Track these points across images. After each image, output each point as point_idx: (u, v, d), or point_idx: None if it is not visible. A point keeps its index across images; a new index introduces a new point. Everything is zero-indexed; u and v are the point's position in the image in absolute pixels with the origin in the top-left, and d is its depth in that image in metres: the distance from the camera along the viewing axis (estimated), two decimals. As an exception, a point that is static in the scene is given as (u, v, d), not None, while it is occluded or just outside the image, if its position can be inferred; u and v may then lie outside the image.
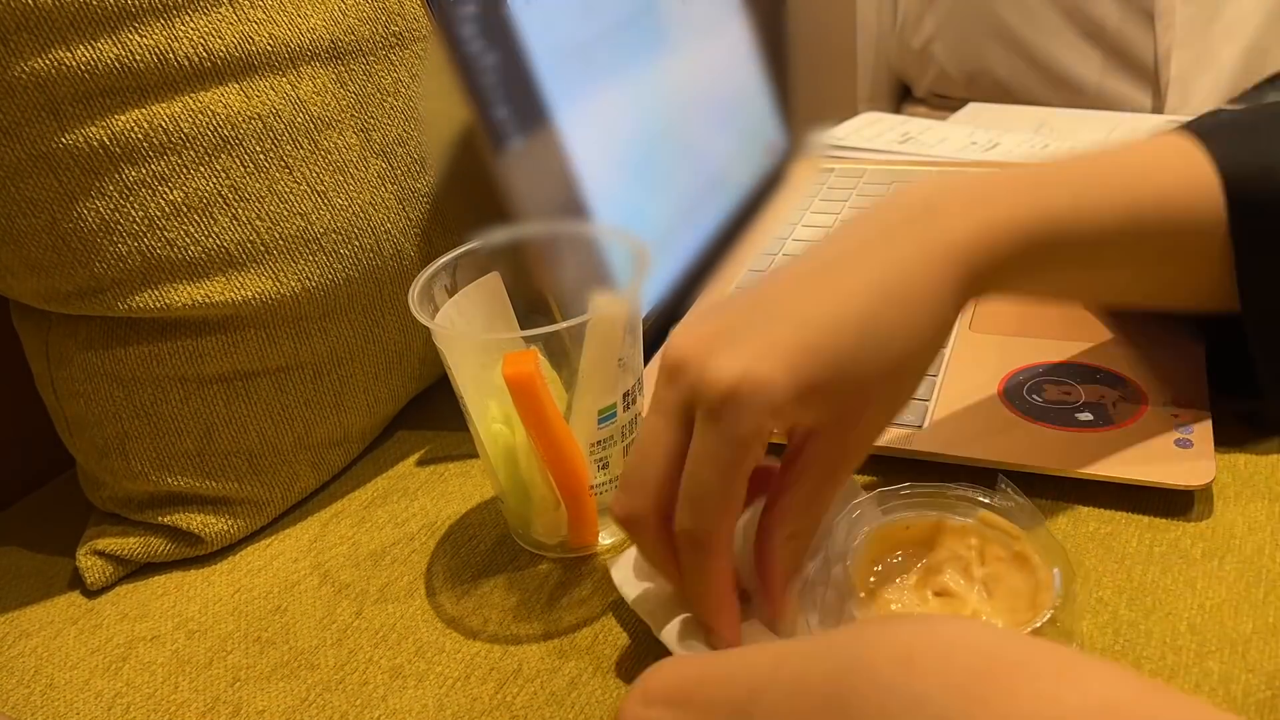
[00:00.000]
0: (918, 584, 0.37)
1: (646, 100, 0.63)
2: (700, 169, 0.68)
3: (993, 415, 0.48)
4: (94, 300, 0.45)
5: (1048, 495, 0.45)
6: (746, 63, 0.80)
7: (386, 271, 0.51)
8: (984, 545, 0.38)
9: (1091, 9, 1.19)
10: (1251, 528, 0.42)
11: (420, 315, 0.39)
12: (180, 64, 0.44)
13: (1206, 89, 1.14)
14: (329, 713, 0.39)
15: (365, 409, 0.53)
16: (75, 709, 0.41)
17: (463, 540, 0.47)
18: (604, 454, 0.43)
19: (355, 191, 0.49)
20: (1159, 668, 0.36)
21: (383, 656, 0.41)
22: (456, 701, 0.39)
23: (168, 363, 0.46)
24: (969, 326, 0.56)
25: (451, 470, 0.53)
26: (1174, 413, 0.46)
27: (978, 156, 0.87)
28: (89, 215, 0.43)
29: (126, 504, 0.49)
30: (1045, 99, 1.25)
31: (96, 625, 0.45)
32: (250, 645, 0.43)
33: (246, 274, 0.46)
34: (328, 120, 0.48)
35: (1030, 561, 0.37)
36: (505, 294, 0.45)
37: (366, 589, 0.45)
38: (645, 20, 0.65)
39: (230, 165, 0.45)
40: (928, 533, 0.39)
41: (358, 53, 0.50)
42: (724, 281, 0.65)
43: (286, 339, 0.48)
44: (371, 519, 0.50)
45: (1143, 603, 0.39)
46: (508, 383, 0.37)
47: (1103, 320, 0.54)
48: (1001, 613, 0.36)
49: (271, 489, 0.50)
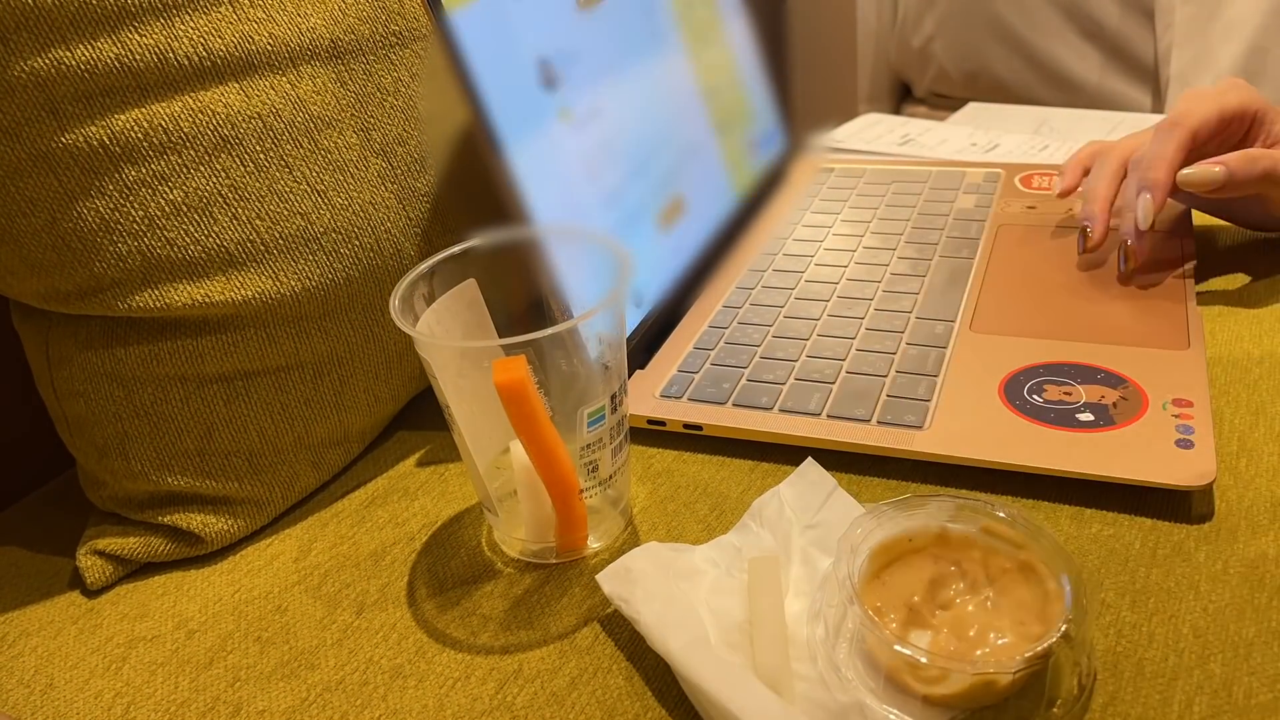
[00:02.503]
0: (923, 599, 0.37)
1: (646, 100, 0.63)
2: (700, 169, 0.68)
3: (993, 415, 0.48)
4: (94, 300, 0.45)
5: (1048, 496, 0.45)
6: (746, 63, 0.80)
7: (386, 271, 0.50)
8: (988, 557, 0.38)
9: (1091, 8, 1.19)
10: (1255, 531, 0.42)
11: (402, 324, 0.39)
12: (180, 63, 0.43)
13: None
14: (329, 712, 0.39)
15: (365, 409, 0.53)
16: (75, 708, 0.41)
17: (463, 540, 0.47)
18: (593, 457, 0.43)
19: (355, 191, 0.49)
20: (1161, 670, 0.36)
21: (383, 656, 0.41)
22: (457, 701, 0.39)
23: (168, 362, 0.46)
24: (969, 327, 0.56)
25: (451, 470, 0.53)
26: (1174, 413, 0.46)
27: (978, 157, 0.87)
28: (89, 215, 0.43)
29: (126, 504, 0.48)
30: (1045, 98, 1.25)
31: (96, 625, 0.45)
32: (250, 645, 0.43)
33: (246, 273, 0.46)
34: (328, 119, 0.48)
35: (1037, 571, 0.36)
36: (482, 301, 0.45)
37: (367, 589, 0.45)
38: (646, 20, 0.65)
39: (230, 165, 0.45)
40: (931, 545, 0.39)
41: (358, 52, 0.50)
42: (724, 282, 0.65)
43: (286, 339, 0.48)
44: (371, 519, 0.50)
45: (1145, 605, 0.39)
46: (499, 389, 0.37)
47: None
48: (1009, 627, 0.35)
49: (271, 489, 0.50)
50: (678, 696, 0.37)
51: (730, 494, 0.48)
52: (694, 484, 0.49)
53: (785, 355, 0.56)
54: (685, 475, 0.50)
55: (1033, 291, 0.59)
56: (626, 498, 0.47)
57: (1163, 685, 0.36)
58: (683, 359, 0.57)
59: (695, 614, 0.38)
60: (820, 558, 0.41)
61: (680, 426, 0.52)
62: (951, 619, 0.36)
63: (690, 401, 0.53)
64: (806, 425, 0.49)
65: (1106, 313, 0.55)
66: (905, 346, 0.55)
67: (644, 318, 0.59)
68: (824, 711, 0.35)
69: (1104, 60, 1.20)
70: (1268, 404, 0.49)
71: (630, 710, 0.37)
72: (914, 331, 0.56)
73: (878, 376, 0.52)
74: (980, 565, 0.38)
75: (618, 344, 0.42)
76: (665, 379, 0.55)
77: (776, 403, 0.51)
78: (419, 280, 0.43)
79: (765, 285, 0.64)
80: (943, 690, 0.34)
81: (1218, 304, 0.58)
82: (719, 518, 0.47)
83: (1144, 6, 1.15)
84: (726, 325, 0.60)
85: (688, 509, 0.47)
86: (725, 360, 0.56)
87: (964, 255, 0.64)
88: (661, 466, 0.50)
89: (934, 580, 0.37)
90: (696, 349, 0.57)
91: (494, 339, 0.44)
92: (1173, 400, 0.47)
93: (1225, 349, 0.53)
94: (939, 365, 0.53)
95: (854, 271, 0.64)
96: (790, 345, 0.56)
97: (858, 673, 0.36)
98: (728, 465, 0.50)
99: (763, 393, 0.52)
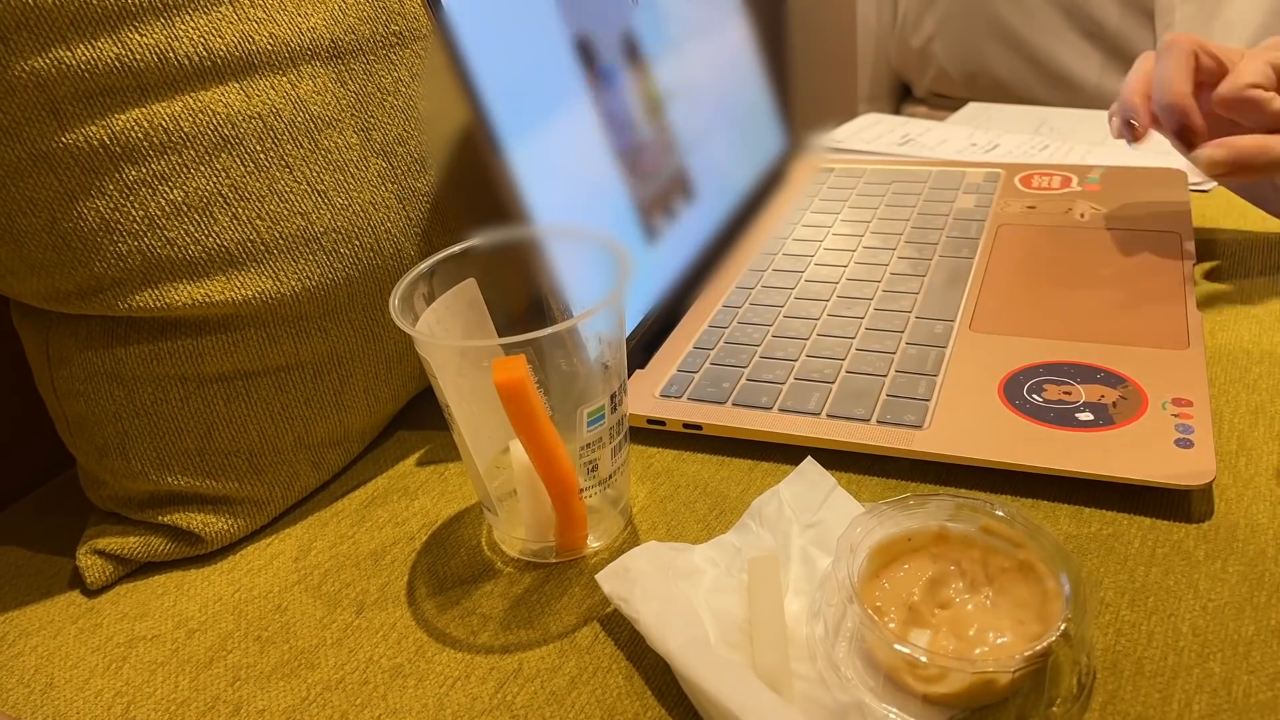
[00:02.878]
0: (923, 598, 0.37)
1: (646, 99, 0.63)
2: (700, 169, 0.68)
3: (993, 415, 0.48)
4: (94, 300, 0.45)
5: (1048, 495, 0.45)
6: (746, 63, 0.80)
7: (387, 271, 0.51)
8: (987, 556, 0.38)
9: (1091, 8, 1.19)
10: (1254, 530, 0.42)
11: (402, 324, 0.39)
12: (180, 63, 0.44)
13: (1206, 89, 1.14)
14: (329, 712, 0.39)
15: (365, 409, 0.53)
16: (75, 708, 0.41)
17: (463, 540, 0.47)
18: (593, 456, 0.43)
19: (355, 191, 0.49)
20: (1160, 669, 0.36)
21: (383, 656, 0.41)
22: (457, 701, 0.39)
23: (168, 362, 0.46)
24: (969, 326, 0.56)
25: (451, 470, 0.53)
26: (1174, 412, 0.46)
27: (978, 157, 0.87)
28: (89, 215, 0.43)
29: (126, 503, 0.48)
30: (1045, 98, 1.25)
31: (96, 624, 0.45)
32: (250, 644, 0.43)
33: (246, 273, 0.46)
34: (328, 119, 0.48)
35: (1036, 570, 0.36)
36: (482, 300, 0.45)
37: (367, 588, 0.45)
38: (645, 20, 0.65)
39: (230, 164, 0.45)
40: (930, 544, 0.39)
41: (358, 52, 0.50)
42: (723, 281, 0.65)
43: (286, 338, 0.48)
44: (371, 518, 0.50)
45: (1145, 604, 0.39)
46: (498, 388, 0.37)
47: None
48: (1008, 626, 0.35)
49: (271, 488, 0.50)
50: (677, 696, 0.37)
51: (730, 493, 0.48)
52: (693, 483, 0.49)
53: (785, 355, 0.56)
54: (685, 475, 0.50)
55: (1032, 291, 0.59)
56: (626, 497, 0.47)
57: (1162, 684, 0.36)
58: (682, 359, 0.57)
59: (695, 613, 0.38)
60: (820, 557, 0.41)
61: (680, 426, 0.52)
62: (951, 618, 0.36)
63: (690, 401, 0.53)
64: (806, 425, 0.50)
65: (1106, 312, 0.55)
66: (905, 346, 0.55)
67: (644, 317, 0.59)
68: (823, 710, 0.35)
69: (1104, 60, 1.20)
70: (1267, 404, 0.49)
71: (630, 710, 0.37)
72: (914, 331, 0.56)
73: (877, 376, 0.52)
74: (980, 564, 0.38)
75: (618, 343, 0.42)
76: (665, 378, 0.55)
77: (776, 402, 0.51)
78: (419, 280, 0.43)
79: (765, 285, 0.64)
80: (942, 689, 0.34)
81: (1218, 304, 0.58)
82: (719, 517, 0.47)
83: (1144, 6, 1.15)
84: (726, 325, 0.60)
85: (687, 508, 0.47)
86: (725, 360, 0.56)
87: (964, 255, 0.64)
88: (661, 466, 0.50)
89: (933, 579, 0.37)
90: (696, 349, 0.57)
91: (494, 338, 0.44)
92: (1172, 400, 0.47)
93: (1225, 349, 0.53)
94: (939, 365, 0.53)
95: (854, 271, 0.64)
96: (790, 345, 0.56)
97: (857, 672, 0.36)
98: (727, 465, 0.50)
99: (762, 392, 0.52)
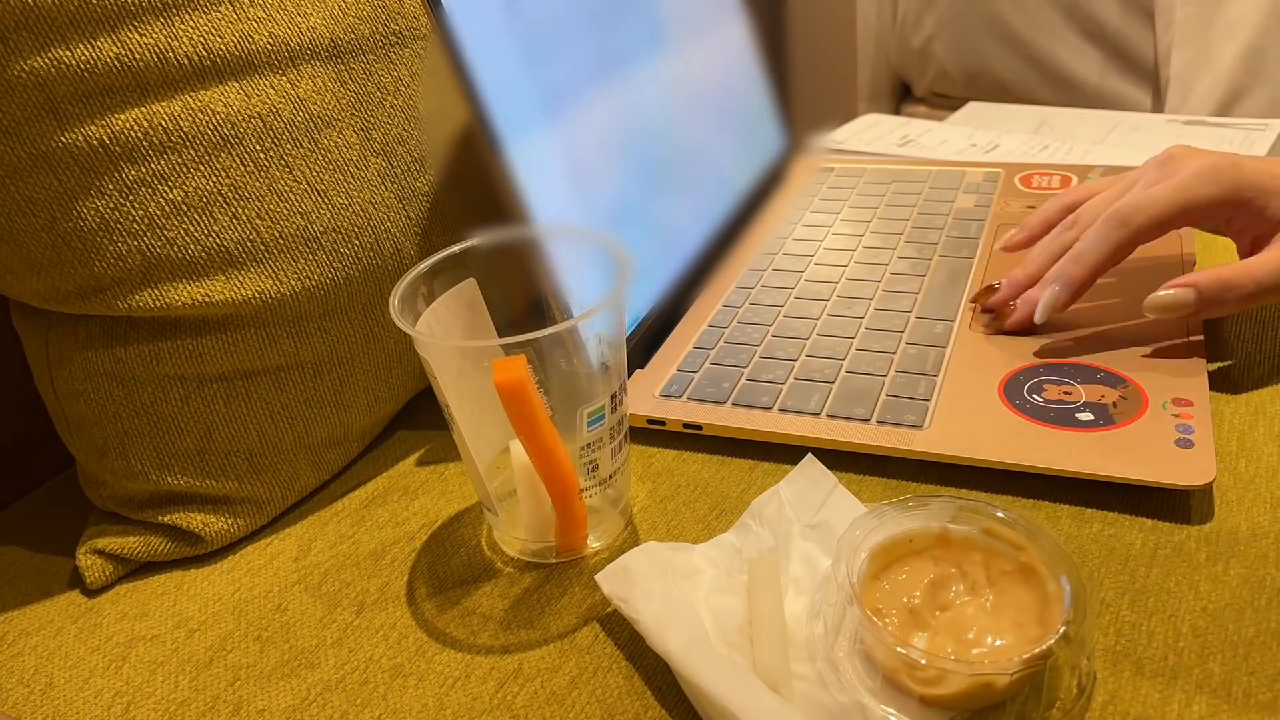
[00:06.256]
0: (923, 600, 0.37)
1: (646, 100, 0.63)
2: (700, 169, 0.68)
3: (993, 415, 0.48)
4: (94, 299, 0.45)
5: (1048, 496, 0.45)
6: (746, 63, 0.80)
7: (386, 271, 0.51)
8: (988, 558, 0.38)
9: (1091, 8, 1.19)
10: (1255, 533, 0.42)
11: (402, 324, 0.39)
12: (180, 63, 0.43)
13: (1206, 88, 1.14)
14: (329, 712, 0.39)
15: (365, 408, 0.53)
16: (75, 708, 0.41)
17: (463, 539, 0.47)
18: (593, 456, 0.43)
19: (355, 190, 0.49)
20: (1160, 669, 0.36)
21: (383, 655, 0.41)
22: (457, 701, 0.39)
23: (168, 362, 0.46)
24: (969, 326, 0.56)
25: (451, 470, 0.53)
26: (1174, 412, 0.46)
27: (978, 157, 0.87)
28: (89, 214, 0.43)
29: (126, 503, 0.48)
30: (1045, 98, 1.25)
31: (96, 624, 0.45)
32: (250, 644, 0.43)
33: (246, 273, 0.46)
34: (328, 119, 0.48)
35: (1037, 573, 0.36)
36: (482, 300, 0.45)
37: (367, 588, 0.45)
38: (645, 20, 0.65)
39: (230, 164, 0.45)
40: (932, 546, 0.38)
41: (358, 51, 0.50)
42: (723, 281, 0.65)
43: (286, 338, 0.48)
44: (371, 518, 0.50)
45: (1145, 605, 0.39)
46: (498, 388, 0.37)
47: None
48: (1008, 629, 0.35)
49: (271, 488, 0.50)
50: (677, 696, 0.37)
51: (730, 493, 0.48)
52: (694, 483, 0.49)
53: (785, 355, 0.56)
54: (685, 475, 0.50)
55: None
56: (626, 497, 0.47)
57: (1162, 684, 0.36)
58: (682, 358, 0.57)
59: (694, 613, 0.38)
60: (820, 557, 0.41)
61: (680, 426, 0.52)
62: (951, 620, 0.36)
63: (690, 401, 0.53)
64: (806, 425, 0.50)
65: (1106, 312, 0.55)
66: (905, 346, 0.55)
67: (644, 317, 0.59)
68: (823, 711, 0.35)
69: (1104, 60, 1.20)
70: (1267, 404, 0.49)
71: (630, 710, 0.37)
72: (914, 331, 0.56)
73: (877, 376, 0.52)
74: (981, 567, 0.38)
75: (618, 344, 0.42)
76: (665, 378, 0.55)
77: (776, 402, 0.51)
78: (419, 280, 0.43)
79: (765, 285, 0.64)
80: (941, 691, 0.34)
81: (1217, 304, 0.58)
82: (719, 517, 0.47)
83: (1144, 6, 1.15)
84: (726, 325, 0.60)
85: (687, 508, 0.47)
86: (725, 360, 0.56)
87: (964, 255, 0.64)
88: (661, 466, 0.50)
89: (934, 582, 0.37)
90: (696, 348, 0.57)
91: (494, 339, 0.44)
92: (1172, 400, 0.47)
93: (1225, 348, 0.53)
94: (939, 365, 0.53)
95: (854, 271, 0.64)
96: (790, 345, 0.56)
97: (857, 673, 0.36)
98: (727, 465, 0.50)
99: (762, 392, 0.52)
